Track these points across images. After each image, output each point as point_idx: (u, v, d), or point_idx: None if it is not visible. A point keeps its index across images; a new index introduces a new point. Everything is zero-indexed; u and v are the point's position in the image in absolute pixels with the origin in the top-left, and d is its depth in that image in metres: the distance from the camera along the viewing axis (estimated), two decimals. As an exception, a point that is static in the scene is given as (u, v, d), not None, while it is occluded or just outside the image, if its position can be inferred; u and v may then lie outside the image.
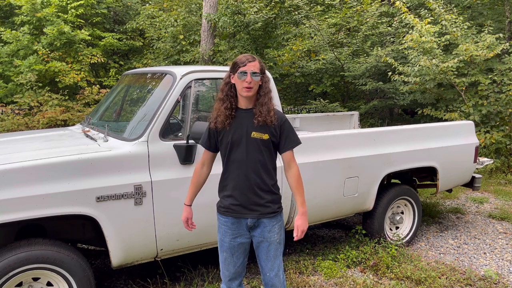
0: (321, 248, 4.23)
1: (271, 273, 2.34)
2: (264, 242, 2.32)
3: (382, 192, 4.14)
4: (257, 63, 2.21)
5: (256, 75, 2.18)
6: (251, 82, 2.17)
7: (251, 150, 2.24)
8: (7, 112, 8.24)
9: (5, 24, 11.66)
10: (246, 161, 2.24)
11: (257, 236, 2.32)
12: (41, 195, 2.49)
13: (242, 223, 2.31)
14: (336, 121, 5.71)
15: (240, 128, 2.24)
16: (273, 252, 2.33)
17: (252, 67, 2.18)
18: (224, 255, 2.37)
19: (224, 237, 2.34)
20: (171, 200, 2.93)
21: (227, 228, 2.33)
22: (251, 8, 8.17)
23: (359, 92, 10.98)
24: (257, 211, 2.27)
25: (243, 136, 2.24)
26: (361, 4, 10.40)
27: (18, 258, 2.48)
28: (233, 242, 2.33)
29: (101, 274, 3.64)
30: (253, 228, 2.31)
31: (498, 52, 7.35)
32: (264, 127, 2.23)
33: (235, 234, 2.32)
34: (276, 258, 2.34)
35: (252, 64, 2.19)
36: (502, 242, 4.56)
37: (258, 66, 2.22)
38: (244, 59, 2.20)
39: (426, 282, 3.48)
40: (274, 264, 2.34)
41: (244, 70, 2.17)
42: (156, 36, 10.89)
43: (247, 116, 2.25)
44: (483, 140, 7.42)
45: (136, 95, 3.64)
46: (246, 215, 2.28)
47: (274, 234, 2.32)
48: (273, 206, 2.31)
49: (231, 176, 2.28)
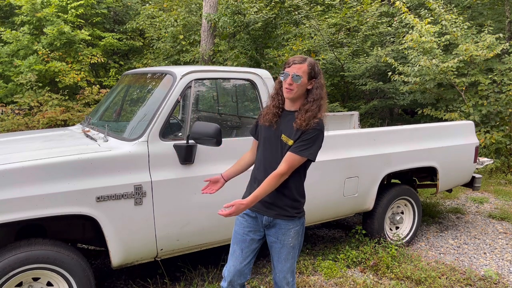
0: (321, 248, 4.23)
1: (280, 274, 2.34)
2: (277, 243, 2.31)
3: (382, 192, 4.14)
4: (304, 66, 2.14)
5: (298, 78, 2.12)
6: (292, 84, 2.13)
7: (276, 151, 2.24)
8: (7, 112, 8.24)
9: (5, 24, 11.65)
10: (269, 160, 2.25)
11: (271, 236, 2.32)
12: (41, 195, 2.49)
13: (258, 220, 2.32)
14: (336, 121, 5.71)
15: (277, 127, 2.24)
16: (284, 255, 2.31)
17: (296, 69, 2.12)
18: (234, 248, 2.36)
19: (238, 229, 2.36)
20: (171, 200, 2.93)
21: (243, 220, 2.34)
22: (251, 8, 8.17)
23: (359, 92, 10.98)
24: (274, 211, 2.26)
25: (273, 136, 2.25)
26: (361, 4, 10.40)
27: (18, 258, 2.48)
28: (245, 236, 2.33)
29: (101, 274, 3.64)
30: (268, 227, 2.32)
31: (498, 52, 7.35)
32: (297, 133, 2.16)
33: (250, 228, 2.33)
34: (286, 261, 2.32)
35: (297, 66, 2.13)
36: (502, 242, 4.56)
37: (305, 69, 2.13)
38: (292, 60, 2.16)
39: (426, 282, 3.48)
40: (283, 267, 2.33)
41: (287, 71, 2.14)
42: (156, 36, 10.89)
43: (288, 118, 2.23)
44: (483, 140, 7.42)
45: (136, 95, 3.63)
46: (263, 212, 2.29)
47: (288, 238, 2.29)
48: (291, 211, 2.27)
49: (257, 171, 2.32)
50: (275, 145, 2.24)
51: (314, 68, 2.17)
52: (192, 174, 2.98)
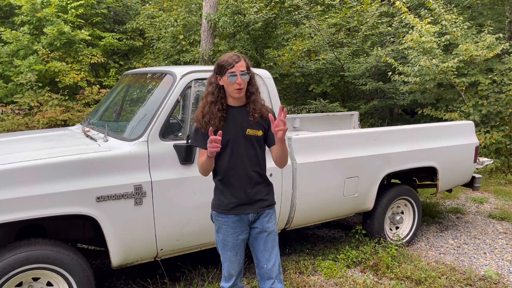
0: (321, 248, 4.22)
1: (269, 263, 2.34)
2: (263, 232, 2.34)
3: (382, 192, 4.14)
4: (243, 62, 2.20)
5: (245, 74, 2.18)
6: (241, 83, 2.17)
7: (248, 147, 2.26)
8: (7, 112, 8.24)
9: (5, 24, 11.66)
10: (244, 158, 2.25)
11: (257, 227, 2.34)
12: (41, 195, 2.49)
13: (244, 220, 2.32)
14: (336, 121, 5.71)
15: (234, 126, 2.25)
16: (270, 242, 2.35)
17: (240, 67, 2.17)
18: (228, 255, 2.36)
19: (226, 237, 2.33)
20: (171, 200, 2.93)
21: (228, 227, 2.32)
22: (251, 8, 8.17)
23: (359, 92, 10.98)
24: (257, 205, 2.31)
25: (238, 134, 2.25)
26: (361, 4, 10.40)
27: (18, 258, 2.48)
28: (236, 241, 2.33)
29: (101, 274, 3.64)
30: (253, 221, 2.34)
31: (498, 52, 7.35)
32: (258, 123, 2.27)
33: (237, 232, 2.33)
34: (273, 248, 2.36)
35: (239, 64, 2.17)
36: (502, 242, 4.56)
37: (245, 64, 2.20)
38: (231, 60, 2.17)
39: (426, 282, 3.48)
40: (271, 255, 2.34)
41: (233, 71, 2.15)
42: (156, 36, 10.90)
43: (240, 114, 2.26)
44: (483, 140, 7.41)
45: (136, 95, 3.64)
46: (247, 211, 2.30)
47: (272, 224, 2.36)
48: (270, 199, 2.37)
49: (229, 174, 2.27)
50: (246, 142, 2.25)
51: (247, 60, 2.25)
52: (192, 174, 2.98)
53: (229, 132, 2.24)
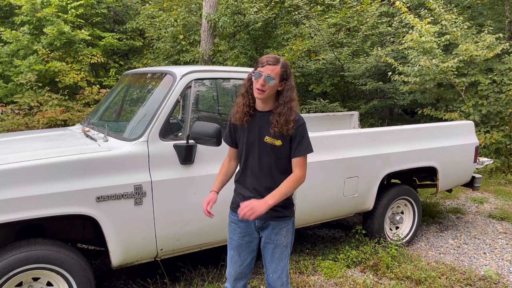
0: (321, 248, 4.23)
1: (274, 275, 2.33)
2: (270, 243, 2.30)
3: (382, 192, 4.14)
4: (277, 67, 2.09)
5: (271, 80, 2.08)
6: (264, 86, 2.09)
7: (263, 154, 2.21)
8: (7, 112, 8.24)
9: (5, 24, 11.66)
10: (258, 164, 2.23)
11: (264, 237, 2.32)
12: (41, 195, 2.49)
13: (250, 223, 2.31)
14: (336, 121, 5.71)
15: (254, 130, 2.22)
16: (278, 254, 2.31)
17: (269, 70, 2.07)
18: (231, 253, 2.36)
19: (232, 235, 2.34)
20: (171, 200, 2.93)
21: (236, 226, 2.33)
22: (251, 8, 8.18)
23: (359, 92, 10.98)
24: (266, 213, 2.20)
25: (255, 139, 2.22)
26: (361, 4, 10.40)
27: (18, 258, 2.48)
28: (241, 241, 2.32)
29: (101, 274, 3.64)
30: (262, 229, 2.31)
31: (498, 52, 7.35)
32: (284, 136, 2.17)
33: (243, 233, 2.32)
34: (280, 261, 2.32)
35: (271, 67, 2.08)
36: (502, 242, 4.56)
37: (278, 71, 2.10)
38: (265, 60, 2.11)
39: (426, 282, 3.48)
40: (277, 267, 2.32)
41: (260, 71, 2.09)
42: (156, 36, 10.90)
43: (264, 119, 2.20)
44: (483, 140, 7.42)
45: (136, 95, 3.63)
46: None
47: (281, 237, 2.29)
48: (283, 211, 2.26)
49: (244, 176, 2.29)
50: (262, 149, 2.21)
51: (287, 70, 2.15)
52: (192, 174, 2.98)
53: (248, 135, 2.23)
